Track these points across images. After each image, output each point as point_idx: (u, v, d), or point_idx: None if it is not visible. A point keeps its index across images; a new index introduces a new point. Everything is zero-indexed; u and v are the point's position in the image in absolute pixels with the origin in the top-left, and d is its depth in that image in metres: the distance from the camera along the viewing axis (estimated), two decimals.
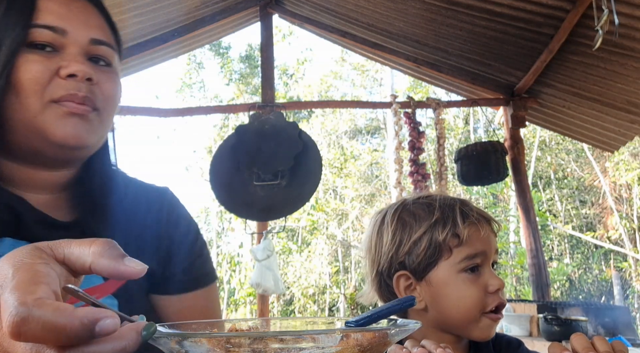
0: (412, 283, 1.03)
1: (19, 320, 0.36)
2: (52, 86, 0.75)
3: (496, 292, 0.98)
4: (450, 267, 1.00)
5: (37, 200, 0.82)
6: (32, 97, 0.74)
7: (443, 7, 3.92)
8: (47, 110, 0.75)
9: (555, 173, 13.54)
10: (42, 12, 0.77)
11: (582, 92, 4.27)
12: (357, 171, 13.01)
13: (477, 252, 1.00)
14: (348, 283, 12.57)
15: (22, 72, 0.74)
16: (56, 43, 0.77)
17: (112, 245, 0.46)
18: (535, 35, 3.91)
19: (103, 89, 0.81)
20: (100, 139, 0.84)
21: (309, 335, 0.43)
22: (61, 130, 0.76)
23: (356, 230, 12.84)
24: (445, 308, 1.00)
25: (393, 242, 1.05)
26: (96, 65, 0.81)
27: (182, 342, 0.42)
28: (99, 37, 0.82)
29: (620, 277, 10.72)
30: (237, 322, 0.56)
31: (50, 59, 0.76)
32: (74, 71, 0.76)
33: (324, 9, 4.82)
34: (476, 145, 4.64)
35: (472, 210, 1.05)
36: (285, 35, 14.19)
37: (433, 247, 1.01)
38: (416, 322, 0.49)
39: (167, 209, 0.97)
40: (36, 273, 0.40)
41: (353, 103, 7.77)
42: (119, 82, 0.85)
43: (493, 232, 1.05)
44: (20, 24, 0.75)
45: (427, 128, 8.68)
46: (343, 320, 0.59)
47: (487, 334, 0.99)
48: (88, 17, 0.82)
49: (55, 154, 0.79)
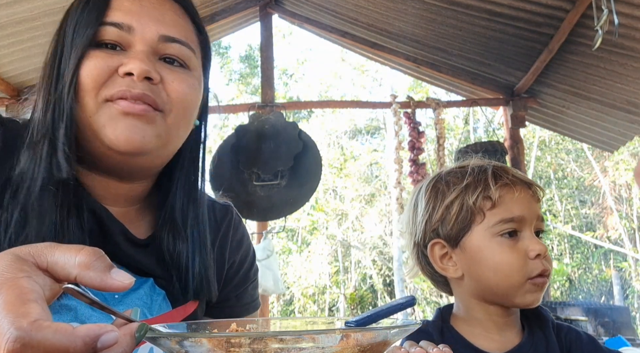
0: (447, 252, 1.00)
1: (20, 347, 0.35)
2: (108, 84, 0.71)
3: (537, 257, 0.93)
4: (484, 231, 0.96)
5: (116, 212, 0.77)
6: (88, 96, 0.70)
7: (443, 7, 3.92)
8: (102, 109, 0.70)
9: (555, 173, 13.53)
10: (113, 9, 0.73)
11: (582, 92, 4.27)
12: (357, 171, 13.00)
13: (513, 216, 0.95)
14: (348, 283, 12.57)
15: (83, 70, 0.71)
16: (122, 41, 0.73)
17: (99, 255, 0.44)
18: (535, 35, 3.91)
19: (169, 89, 0.74)
20: (168, 146, 0.76)
21: (309, 335, 0.43)
22: (113, 131, 0.69)
23: (356, 230, 12.84)
24: (482, 275, 0.96)
25: (427, 210, 1.03)
26: (166, 64, 0.75)
27: (182, 342, 0.42)
28: (170, 33, 0.75)
29: (620, 277, 10.72)
30: (237, 322, 0.56)
31: (112, 57, 0.72)
32: (130, 69, 0.70)
33: (324, 9, 4.82)
34: (476, 145, 4.64)
35: (508, 172, 1.01)
36: (285, 35, 14.19)
37: (465, 211, 0.97)
38: (416, 321, 0.49)
39: (232, 230, 0.92)
40: (22, 290, 0.38)
41: (353, 103, 7.76)
42: (193, 83, 0.77)
43: (534, 198, 0.99)
44: (92, 23, 0.72)
45: (427, 128, 8.66)
46: (343, 320, 0.59)
47: (530, 301, 0.94)
48: (163, 12, 0.76)
49: (117, 161, 0.73)
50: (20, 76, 4.23)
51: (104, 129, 0.70)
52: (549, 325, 1.00)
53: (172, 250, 0.77)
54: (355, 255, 12.83)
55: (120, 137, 0.69)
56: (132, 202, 0.80)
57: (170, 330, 0.48)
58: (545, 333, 0.99)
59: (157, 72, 0.72)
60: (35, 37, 3.73)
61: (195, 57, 0.79)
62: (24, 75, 4.23)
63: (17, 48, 3.78)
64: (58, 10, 3.54)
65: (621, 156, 10.81)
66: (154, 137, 0.72)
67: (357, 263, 12.80)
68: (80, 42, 0.71)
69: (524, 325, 1.01)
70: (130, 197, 0.79)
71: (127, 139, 0.69)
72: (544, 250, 0.93)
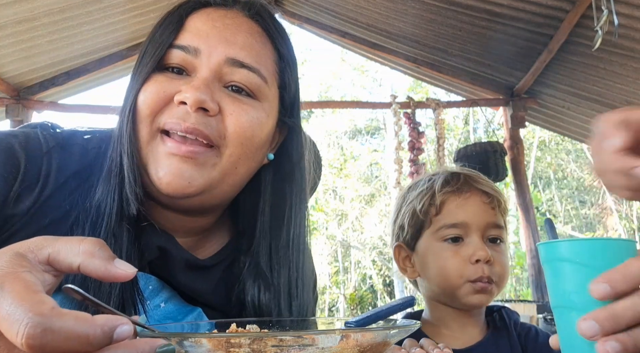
0: (408, 255, 1.07)
1: (40, 331, 0.35)
2: (164, 112, 0.65)
3: (477, 262, 0.96)
4: (430, 236, 1.02)
5: (183, 242, 0.73)
6: (142, 123, 0.66)
7: (443, 7, 3.92)
8: (154, 142, 0.66)
9: (555, 173, 13.54)
10: (185, 31, 0.69)
11: (582, 92, 4.27)
12: (357, 171, 13.00)
13: (456, 222, 1.00)
14: (348, 284, 12.57)
15: (141, 95, 0.66)
16: (187, 65, 0.68)
17: (102, 245, 0.44)
18: (535, 35, 3.91)
19: (228, 122, 0.66)
20: (224, 185, 0.69)
21: (308, 335, 0.43)
22: (156, 173, 0.65)
23: (356, 231, 12.84)
24: (430, 277, 1.02)
25: (394, 215, 1.11)
26: (230, 93, 0.68)
27: (182, 342, 0.42)
28: (238, 57, 0.68)
29: None
30: (237, 322, 0.56)
31: (172, 82, 0.66)
32: (184, 98, 0.64)
33: (324, 9, 4.82)
34: (475, 146, 4.64)
35: (459, 179, 1.04)
36: None
37: (415, 217, 1.04)
38: (416, 322, 0.49)
39: None
40: (27, 283, 0.38)
41: (353, 103, 7.77)
42: (257, 116, 0.69)
43: (489, 205, 1.02)
44: (161, 44, 0.68)
45: (426, 128, 8.66)
46: (343, 320, 0.59)
47: (476, 302, 0.98)
48: (235, 34, 0.69)
49: (165, 199, 0.68)
50: (20, 76, 4.23)
51: (150, 166, 0.66)
52: (511, 325, 1.05)
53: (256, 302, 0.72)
54: (355, 256, 12.84)
55: (163, 179, 0.64)
56: (197, 232, 0.76)
57: (170, 331, 0.48)
58: (508, 331, 1.03)
59: (216, 102, 0.66)
60: (35, 37, 3.72)
61: (268, 86, 0.71)
62: (24, 75, 4.23)
63: (17, 48, 3.78)
64: (58, 10, 3.55)
65: None
66: (202, 180, 0.65)
67: (356, 264, 12.80)
68: (147, 64, 0.68)
69: (489, 325, 1.05)
70: (195, 228, 0.75)
71: (169, 182, 0.64)
72: (485, 257, 0.97)
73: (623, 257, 0.54)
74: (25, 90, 4.39)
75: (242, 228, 0.77)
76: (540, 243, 0.60)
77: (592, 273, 0.54)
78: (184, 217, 0.72)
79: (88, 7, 3.67)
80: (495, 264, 0.99)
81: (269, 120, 0.72)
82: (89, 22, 3.84)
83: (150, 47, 0.69)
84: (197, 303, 0.74)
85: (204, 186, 0.66)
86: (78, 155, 0.70)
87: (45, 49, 3.92)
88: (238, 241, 0.78)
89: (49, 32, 3.73)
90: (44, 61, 4.12)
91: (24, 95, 4.39)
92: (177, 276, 0.72)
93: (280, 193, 0.76)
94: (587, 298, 0.53)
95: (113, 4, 3.82)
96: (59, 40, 3.89)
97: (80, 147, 0.71)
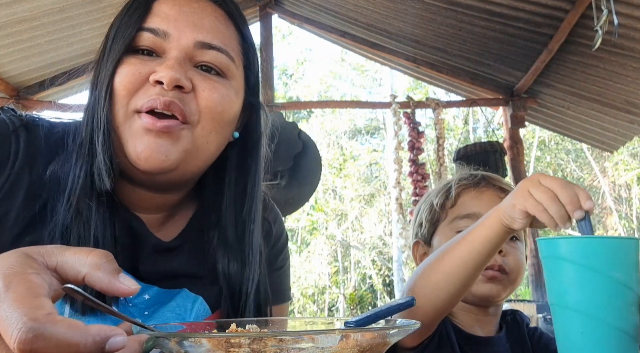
0: (426, 251, 1.09)
1: (32, 337, 0.35)
2: (140, 93, 0.68)
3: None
4: (445, 228, 1.05)
5: (147, 219, 0.76)
6: (119, 104, 0.68)
7: (443, 7, 3.92)
8: (128, 121, 0.68)
9: (555, 173, 13.54)
10: (153, 15, 0.71)
11: (582, 92, 4.27)
12: (357, 171, 13.00)
13: (470, 213, 1.01)
14: (347, 284, 12.57)
15: (117, 77, 0.69)
16: (157, 47, 0.70)
17: (109, 258, 0.44)
18: (535, 35, 3.91)
19: (200, 98, 0.70)
20: (197, 159, 0.73)
21: (308, 335, 0.43)
22: (134, 148, 0.67)
23: (355, 231, 12.84)
24: None
25: (415, 213, 1.15)
26: (201, 72, 0.72)
27: (182, 342, 0.42)
28: (207, 40, 0.71)
29: None
30: (237, 322, 0.56)
31: (145, 64, 0.69)
32: (160, 77, 0.67)
33: (324, 9, 4.82)
34: (475, 146, 4.65)
35: (477, 176, 1.07)
36: (285, 35, 14.18)
37: (432, 212, 1.07)
38: (415, 322, 0.49)
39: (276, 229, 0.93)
40: (32, 285, 0.39)
41: (352, 103, 7.77)
42: (227, 93, 0.73)
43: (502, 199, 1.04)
44: (130, 28, 0.70)
45: (426, 128, 8.67)
46: (342, 320, 0.59)
47: (485, 292, 0.98)
48: (202, 17, 0.73)
49: (141, 176, 0.71)
50: (20, 76, 4.22)
51: (127, 143, 0.68)
52: (524, 327, 1.07)
53: (227, 272, 0.76)
54: (354, 255, 12.83)
55: (141, 155, 0.67)
56: (165, 209, 0.79)
57: (170, 331, 0.48)
58: (521, 333, 1.06)
59: (189, 80, 0.69)
60: (35, 37, 3.72)
61: (235, 66, 0.75)
62: (23, 75, 4.23)
63: (17, 48, 3.77)
64: (58, 10, 3.54)
65: (621, 156, 10.81)
66: (177, 154, 0.68)
67: (356, 264, 12.80)
68: (117, 47, 0.70)
69: (502, 326, 1.07)
70: (163, 205, 0.78)
71: (147, 157, 0.67)
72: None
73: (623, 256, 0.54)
74: (24, 90, 4.38)
75: (208, 203, 0.80)
76: (539, 239, 0.60)
77: (589, 273, 0.54)
78: (154, 194, 0.75)
79: (88, 7, 3.67)
80: (509, 257, 1.00)
81: (238, 98, 0.76)
82: (89, 22, 3.84)
83: (119, 29, 0.72)
84: (178, 282, 0.76)
85: (179, 160, 0.69)
86: (44, 135, 0.73)
87: (45, 49, 3.91)
88: (202, 216, 0.81)
89: (48, 32, 3.73)
90: (44, 61, 4.11)
91: (24, 95, 4.38)
92: (151, 259, 0.74)
93: (244, 168, 0.81)
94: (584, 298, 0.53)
95: (113, 4, 3.82)
96: (59, 40, 3.88)
97: (45, 128, 0.74)
